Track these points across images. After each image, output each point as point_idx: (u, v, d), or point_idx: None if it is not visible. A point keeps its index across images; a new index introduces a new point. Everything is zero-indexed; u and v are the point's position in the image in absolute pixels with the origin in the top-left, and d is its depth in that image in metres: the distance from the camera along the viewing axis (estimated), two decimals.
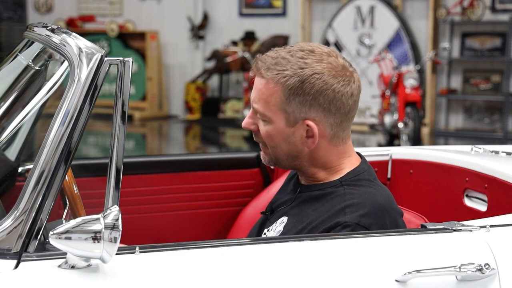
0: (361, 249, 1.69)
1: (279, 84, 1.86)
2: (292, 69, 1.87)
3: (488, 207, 2.39)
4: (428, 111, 10.24)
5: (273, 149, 1.94)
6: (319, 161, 1.93)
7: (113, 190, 1.57)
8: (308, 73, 1.86)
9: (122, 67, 1.61)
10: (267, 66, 1.89)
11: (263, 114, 1.90)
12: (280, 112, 1.88)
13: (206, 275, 1.57)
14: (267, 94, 1.88)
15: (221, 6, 11.96)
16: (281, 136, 1.91)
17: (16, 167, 2.21)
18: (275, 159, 1.96)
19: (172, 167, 2.67)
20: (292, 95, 1.86)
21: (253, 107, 1.92)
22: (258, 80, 1.91)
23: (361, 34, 10.45)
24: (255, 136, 1.97)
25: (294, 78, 1.86)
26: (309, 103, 1.87)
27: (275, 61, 1.89)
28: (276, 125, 1.90)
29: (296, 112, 1.88)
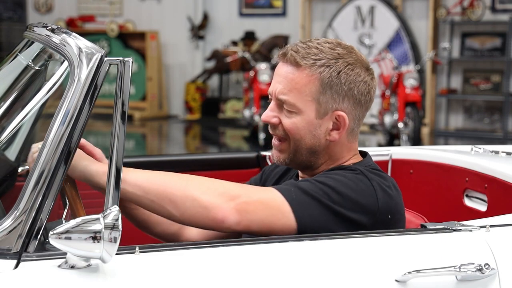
0: (361, 249, 1.69)
1: (315, 73, 1.83)
2: (326, 58, 1.85)
3: (488, 207, 2.39)
4: (428, 111, 10.24)
5: (296, 142, 1.88)
6: (333, 157, 1.92)
7: (113, 190, 1.57)
8: (344, 64, 1.85)
9: (122, 67, 1.61)
10: (302, 55, 1.84)
11: (293, 105, 1.85)
12: (313, 103, 1.85)
13: (206, 275, 1.57)
14: (301, 83, 1.84)
15: (221, 6, 11.96)
16: (308, 128, 1.86)
17: (16, 167, 2.21)
18: (293, 155, 1.90)
19: (172, 167, 2.66)
20: (328, 85, 1.84)
21: (279, 98, 1.86)
22: (288, 69, 1.86)
23: (361, 34, 10.45)
24: (274, 130, 1.91)
25: (331, 68, 1.84)
26: (344, 94, 1.86)
27: (308, 50, 1.85)
28: (306, 117, 1.86)
29: (329, 103, 1.85)
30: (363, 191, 1.79)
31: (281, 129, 1.88)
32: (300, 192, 1.75)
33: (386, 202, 1.81)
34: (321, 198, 1.74)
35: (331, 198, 1.75)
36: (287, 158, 1.91)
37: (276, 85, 1.87)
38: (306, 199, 1.74)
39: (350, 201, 1.76)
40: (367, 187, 1.80)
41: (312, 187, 1.76)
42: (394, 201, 1.84)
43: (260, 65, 9.68)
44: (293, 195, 1.74)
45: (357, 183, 1.79)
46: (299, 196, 1.74)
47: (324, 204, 1.74)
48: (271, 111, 1.89)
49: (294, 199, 1.73)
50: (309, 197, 1.74)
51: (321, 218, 1.74)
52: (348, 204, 1.76)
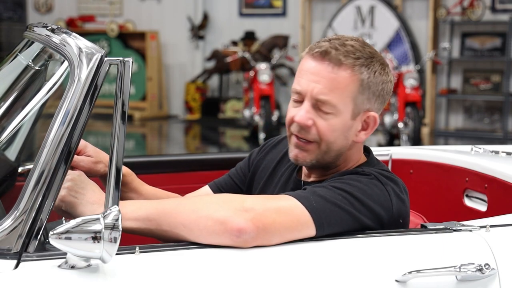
0: (361, 249, 1.69)
1: (357, 73, 1.78)
2: (364, 57, 1.80)
3: (488, 207, 2.39)
4: (428, 111, 10.24)
5: (329, 144, 1.81)
6: (349, 158, 1.88)
7: (113, 190, 1.57)
8: (378, 64, 1.81)
9: (122, 67, 1.60)
10: (343, 53, 1.78)
11: (334, 105, 1.77)
12: (350, 103, 1.79)
13: (206, 275, 1.57)
14: (344, 83, 1.77)
15: (221, 6, 11.96)
16: (342, 129, 1.80)
17: (16, 167, 2.21)
18: (321, 157, 1.83)
19: (172, 167, 2.67)
20: (367, 85, 1.80)
21: (318, 99, 1.78)
22: (329, 68, 1.78)
23: (361, 34, 10.44)
24: (305, 133, 1.81)
25: (369, 68, 1.79)
26: (377, 95, 1.83)
27: (346, 48, 1.78)
28: (342, 118, 1.79)
29: (364, 104, 1.81)
30: (379, 197, 1.76)
31: (315, 132, 1.80)
32: (320, 199, 1.69)
33: (400, 207, 1.80)
34: (342, 204, 1.70)
35: (351, 204, 1.71)
36: (314, 160, 1.84)
37: (312, 85, 1.78)
38: (327, 206, 1.69)
39: (367, 207, 1.73)
40: (382, 192, 1.77)
41: (331, 194, 1.71)
42: (405, 206, 1.83)
43: (260, 65, 9.68)
44: (313, 203, 1.68)
45: (373, 188, 1.76)
46: (319, 205, 1.68)
47: (345, 210, 1.70)
48: (307, 113, 1.79)
49: (315, 208, 1.67)
50: (330, 203, 1.69)
51: (340, 224, 1.70)
52: (365, 210, 1.73)
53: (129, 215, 1.64)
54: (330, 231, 1.69)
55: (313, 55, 1.81)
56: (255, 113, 9.41)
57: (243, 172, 2.14)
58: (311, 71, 1.80)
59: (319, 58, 1.79)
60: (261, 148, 2.16)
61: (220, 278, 1.57)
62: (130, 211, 1.65)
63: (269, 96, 9.46)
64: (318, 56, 1.79)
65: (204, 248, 1.61)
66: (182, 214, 1.64)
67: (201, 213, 1.63)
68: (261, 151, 2.14)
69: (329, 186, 1.76)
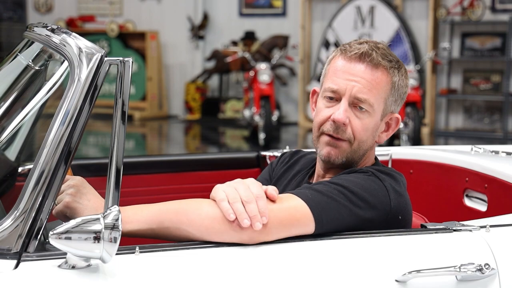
0: (361, 249, 1.69)
1: (390, 74, 1.87)
2: (394, 61, 1.89)
3: (488, 207, 2.39)
4: (428, 111, 10.24)
5: (361, 143, 1.87)
6: (367, 158, 1.94)
7: (113, 190, 1.57)
8: (403, 68, 1.91)
9: (122, 67, 1.60)
10: (380, 55, 1.86)
11: (372, 105, 1.85)
12: (382, 104, 1.88)
13: (206, 275, 1.57)
14: (381, 84, 1.86)
15: (221, 6, 11.96)
16: (373, 129, 1.88)
17: (16, 167, 2.21)
18: (351, 155, 1.89)
19: (172, 167, 2.67)
20: (396, 88, 1.89)
21: (357, 97, 1.84)
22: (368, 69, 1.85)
23: (361, 34, 10.45)
24: (341, 132, 1.86)
25: (399, 71, 1.89)
26: (402, 97, 1.92)
27: (382, 51, 1.87)
28: (375, 118, 1.87)
29: (391, 105, 1.90)
30: (376, 191, 1.79)
31: (350, 131, 1.86)
32: (316, 193, 1.74)
33: (398, 202, 1.82)
34: (337, 197, 1.74)
35: (347, 197, 1.75)
36: (345, 158, 1.89)
37: (351, 83, 1.85)
38: (323, 199, 1.72)
39: (364, 200, 1.76)
40: (379, 187, 1.80)
41: (327, 188, 1.76)
42: (405, 202, 1.85)
43: (260, 65, 9.68)
44: (309, 196, 1.72)
45: (370, 184, 1.80)
46: (315, 197, 1.72)
47: (340, 202, 1.73)
48: (345, 111, 1.85)
49: (312, 200, 1.71)
50: (326, 197, 1.73)
51: (337, 217, 1.72)
52: (362, 203, 1.76)
53: (130, 218, 1.64)
54: (328, 223, 1.71)
55: (351, 57, 1.87)
56: (255, 113, 9.40)
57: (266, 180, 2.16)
58: (349, 72, 1.86)
59: (358, 59, 1.86)
60: (280, 159, 2.21)
61: (220, 278, 1.57)
62: (132, 214, 1.66)
63: (269, 96, 9.46)
64: (356, 57, 1.86)
65: (204, 248, 1.61)
66: (185, 211, 1.64)
67: (204, 209, 1.64)
68: (280, 161, 2.20)
69: (325, 182, 1.81)
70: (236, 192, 1.64)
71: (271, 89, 9.54)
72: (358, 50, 1.86)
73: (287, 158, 2.17)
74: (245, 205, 1.61)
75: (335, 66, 1.89)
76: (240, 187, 1.65)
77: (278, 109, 10.42)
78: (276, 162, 2.20)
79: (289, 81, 11.33)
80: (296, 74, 11.26)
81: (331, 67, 1.91)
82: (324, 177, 1.96)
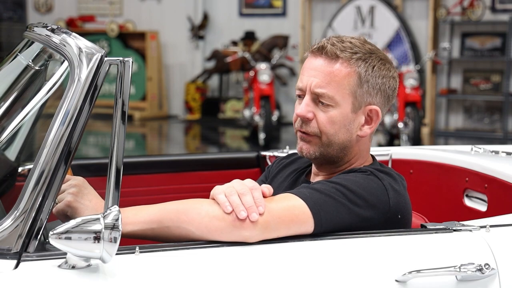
0: (361, 249, 1.69)
1: (354, 66, 1.86)
2: (361, 52, 1.87)
3: (488, 207, 2.39)
4: (428, 111, 10.24)
5: (330, 137, 1.88)
6: (357, 155, 1.93)
7: (113, 190, 1.57)
8: (377, 59, 1.88)
9: (122, 67, 1.60)
10: (340, 48, 1.86)
11: (332, 97, 1.85)
12: (349, 96, 1.86)
13: (206, 275, 1.57)
14: (340, 76, 1.85)
15: (221, 6, 11.96)
16: (343, 122, 1.87)
17: (16, 167, 2.21)
18: (323, 149, 1.89)
19: (172, 167, 2.67)
20: (365, 79, 1.87)
21: (315, 92, 1.86)
22: (325, 63, 1.86)
23: (361, 34, 10.44)
24: (305, 126, 1.89)
25: (367, 62, 1.87)
26: (378, 89, 1.89)
27: (343, 44, 1.87)
28: (342, 110, 1.86)
29: (364, 97, 1.88)
30: (375, 190, 1.80)
31: (315, 126, 1.87)
32: (314, 191, 1.74)
33: (397, 201, 1.82)
34: (336, 196, 1.74)
35: (346, 196, 1.75)
36: (317, 152, 1.90)
37: (311, 79, 1.87)
38: (321, 197, 1.73)
39: (363, 199, 1.76)
40: (378, 186, 1.81)
41: (325, 187, 1.76)
42: (404, 201, 1.85)
43: (260, 65, 9.68)
44: (307, 194, 1.73)
45: (368, 182, 1.80)
46: (314, 195, 1.73)
47: (339, 201, 1.74)
48: (307, 106, 1.87)
49: (310, 198, 1.71)
50: (324, 195, 1.74)
51: (336, 215, 1.72)
52: (361, 202, 1.76)
53: (130, 219, 1.64)
54: (327, 221, 1.71)
55: (312, 52, 1.91)
56: (255, 113, 9.40)
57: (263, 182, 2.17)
58: (310, 67, 1.89)
59: (317, 53, 1.89)
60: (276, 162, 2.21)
61: (220, 278, 1.57)
62: (132, 214, 1.66)
63: (269, 96, 9.46)
64: (316, 51, 1.89)
65: (204, 248, 1.61)
66: (185, 210, 1.65)
67: (204, 208, 1.64)
68: (276, 162, 2.20)
69: (324, 181, 1.81)
70: (232, 187, 1.67)
71: (271, 89, 9.54)
72: (317, 44, 1.89)
73: (284, 159, 2.18)
74: (241, 197, 1.64)
75: (304, 64, 1.94)
76: (236, 183, 1.69)
77: (278, 109, 10.42)
78: (272, 165, 2.21)
79: (289, 81, 11.33)
80: (296, 74, 11.25)
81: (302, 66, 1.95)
82: (318, 175, 1.97)
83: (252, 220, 1.62)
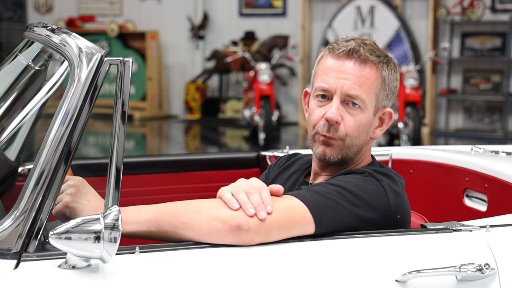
0: (361, 249, 1.69)
1: (380, 70, 1.87)
2: (383, 55, 1.89)
3: (488, 207, 2.39)
4: (428, 111, 10.24)
5: (353, 140, 1.87)
6: (364, 155, 1.94)
7: (113, 190, 1.57)
8: (393, 63, 1.92)
9: (122, 67, 1.60)
10: (368, 50, 1.87)
11: (363, 101, 1.85)
12: (374, 99, 1.88)
13: (206, 275, 1.57)
14: (371, 79, 1.86)
15: (221, 6, 11.96)
16: (366, 125, 1.88)
17: (16, 167, 2.21)
18: (345, 152, 1.88)
19: (172, 167, 2.67)
20: (386, 82, 1.89)
21: (348, 94, 1.84)
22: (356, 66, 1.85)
23: (361, 34, 10.44)
24: (334, 131, 1.87)
25: (388, 66, 1.89)
26: (392, 92, 1.92)
27: (369, 47, 1.88)
28: (368, 113, 1.88)
29: (383, 100, 1.90)
30: (374, 191, 1.80)
31: (342, 130, 1.86)
32: (315, 194, 1.74)
33: (396, 202, 1.82)
34: (336, 198, 1.74)
35: (346, 198, 1.75)
36: (339, 155, 1.89)
37: (341, 81, 1.85)
38: (322, 200, 1.72)
39: (363, 200, 1.77)
40: (377, 187, 1.81)
41: (326, 189, 1.76)
42: (403, 201, 1.85)
43: (260, 65, 9.68)
44: (308, 197, 1.72)
45: (367, 184, 1.81)
46: (314, 198, 1.72)
47: (339, 203, 1.73)
48: (337, 110, 1.85)
49: (311, 201, 1.71)
50: (324, 198, 1.73)
51: (336, 216, 1.72)
52: (361, 203, 1.76)
53: (129, 219, 1.64)
54: (328, 224, 1.71)
55: (338, 55, 1.88)
56: (255, 113, 9.40)
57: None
58: (338, 69, 1.87)
59: (345, 56, 1.87)
60: (276, 162, 2.21)
61: (220, 278, 1.57)
62: (131, 215, 1.66)
63: (269, 96, 9.46)
64: (344, 55, 1.87)
65: (204, 248, 1.61)
66: (184, 213, 1.64)
67: (203, 212, 1.64)
68: (276, 164, 2.20)
69: (324, 183, 1.81)
70: (239, 186, 1.67)
71: (271, 89, 9.54)
72: (345, 47, 1.87)
73: (284, 160, 2.17)
74: (249, 196, 1.64)
75: (325, 65, 1.90)
76: (242, 183, 1.69)
77: (278, 109, 10.42)
78: (273, 165, 2.20)
79: (289, 81, 11.33)
80: (296, 74, 11.26)
81: (321, 66, 1.91)
82: (320, 175, 1.96)
83: (261, 218, 1.61)
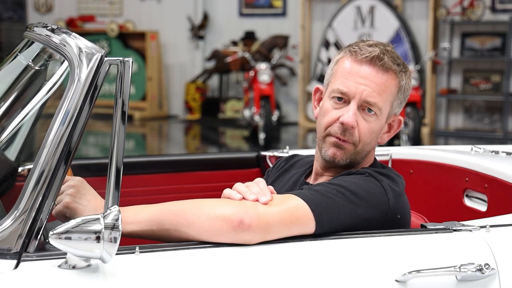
0: (361, 249, 1.69)
1: (398, 78, 1.88)
2: (402, 64, 1.90)
3: (488, 207, 2.39)
4: (428, 111, 10.24)
5: (365, 145, 1.89)
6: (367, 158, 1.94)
7: (113, 190, 1.57)
8: (409, 71, 1.92)
9: (122, 67, 1.60)
10: (391, 59, 1.87)
11: (380, 108, 1.86)
12: (389, 107, 1.89)
13: (206, 275, 1.57)
14: (390, 87, 1.87)
15: (221, 6, 11.96)
16: (378, 131, 1.90)
17: (16, 167, 2.21)
18: (354, 157, 1.89)
19: (172, 167, 2.67)
20: (402, 91, 1.90)
21: (367, 101, 1.85)
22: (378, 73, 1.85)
23: (361, 34, 10.44)
24: (349, 135, 1.87)
25: (405, 74, 1.90)
26: (405, 100, 1.93)
27: (391, 54, 1.88)
28: (381, 120, 1.89)
29: (396, 108, 1.92)
30: (375, 191, 1.80)
31: (356, 135, 1.86)
32: (316, 193, 1.74)
33: (397, 202, 1.82)
34: (337, 197, 1.74)
35: (347, 197, 1.75)
36: (349, 158, 1.90)
37: (361, 87, 1.85)
38: (323, 199, 1.73)
39: (363, 200, 1.77)
40: (377, 187, 1.81)
41: (326, 189, 1.77)
42: (403, 201, 1.86)
43: (260, 65, 9.68)
44: (309, 196, 1.73)
45: (368, 184, 1.81)
46: (315, 197, 1.73)
47: (340, 203, 1.74)
48: (354, 115, 1.85)
49: (312, 199, 1.72)
50: (325, 197, 1.74)
51: (337, 217, 1.72)
52: (362, 203, 1.76)
53: (130, 219, 1.64)
54: (329, 222, 1.71)
55: (361, 60, 1.86)
56: (255, 113, 9.40)
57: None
58: (359, 74, 1.86)
59: (369, 62, 1.86)
60: (275, 166, 2.21)
61: (220, 278, 1.57)
62: (132, 214, 1.66)
63: (269, 96, 9.46)
64: (367, 60, 1.86)
65: (204, 248, 1.61)
66: (186, 211, 1.65)
67: (205, 209, 1.64)
68: (275, 167, 2.20)
69: (325, 183, 1.82)
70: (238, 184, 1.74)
71: (271, 89, 9.54)
72: (369, 53, 1.85)
73: (283, 163, 2.17)
74: (248, 188, 1.71)
75: (344, 68, 1.88)
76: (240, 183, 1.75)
77: (278, 109, 10.42)
78: (271, 169, 2.21)
79: (289, 81, 11.33)
80: (296, 74, 11.26)
81: (340, 68, 1.89)
82: (322, 176, 1.97)
83: (262, 202, 1.65)
